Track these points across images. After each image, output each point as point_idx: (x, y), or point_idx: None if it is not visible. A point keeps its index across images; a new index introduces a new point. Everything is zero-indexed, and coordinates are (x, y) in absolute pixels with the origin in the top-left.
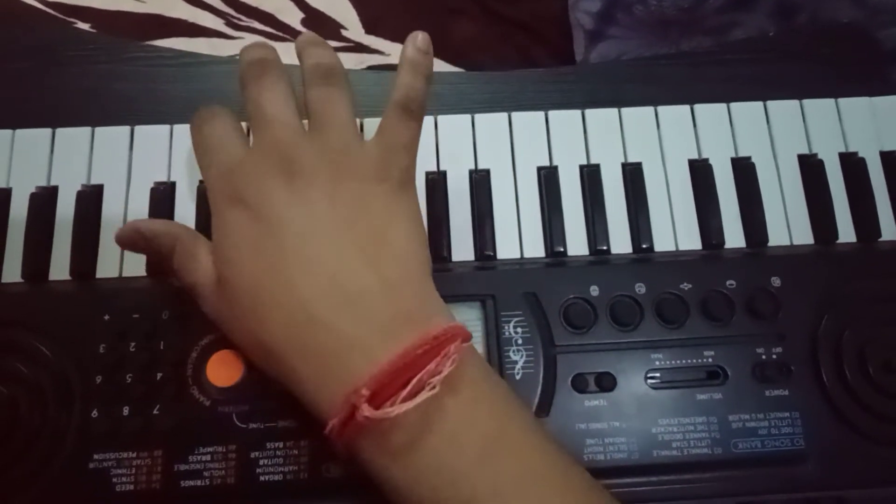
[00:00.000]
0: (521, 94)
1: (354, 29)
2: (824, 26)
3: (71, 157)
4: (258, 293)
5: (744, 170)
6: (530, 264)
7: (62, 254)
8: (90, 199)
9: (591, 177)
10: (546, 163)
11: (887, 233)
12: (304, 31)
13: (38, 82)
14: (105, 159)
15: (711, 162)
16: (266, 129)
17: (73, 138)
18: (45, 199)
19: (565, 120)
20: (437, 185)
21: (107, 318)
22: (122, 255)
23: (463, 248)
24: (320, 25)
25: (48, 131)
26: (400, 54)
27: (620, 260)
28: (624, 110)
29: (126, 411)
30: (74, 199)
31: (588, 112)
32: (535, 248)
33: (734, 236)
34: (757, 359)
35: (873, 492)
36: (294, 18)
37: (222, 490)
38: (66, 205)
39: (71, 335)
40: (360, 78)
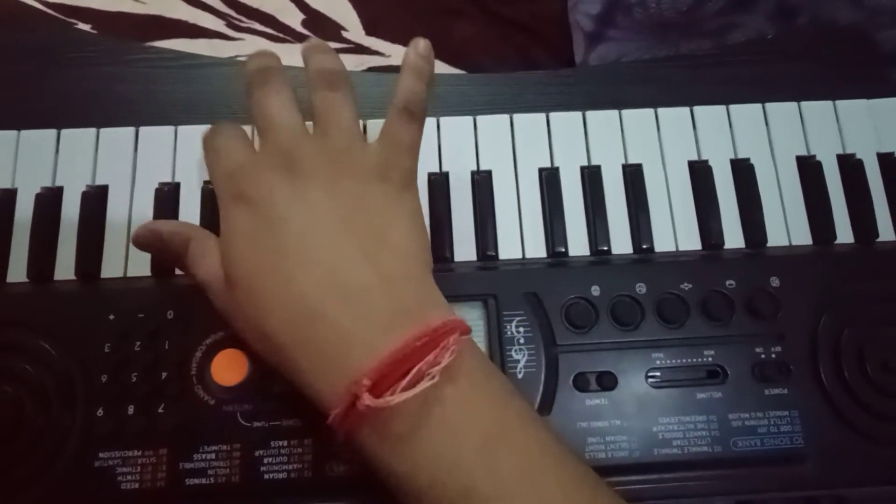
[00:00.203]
0: (522, 95)
1: (355, 30)
2: (823, 28)
3: (76, 157)
4: (260, 288)
5: (743, 171)
6: (532, 264)
7: (67, 254)
8: (95, 199)
9: (591, 178)
10: (547, 164)
11: (885, 233)
12: (308, 33)
13: (40, 84)
14: (110, 160)
15: (711, 163)
16: (270, 132)
17: (77, 139)
18: (50, 200)
19: (566, 121)
20: (439, 186)
21: (112, 317)
22: (126, 256)
23: (465, 248)
24: (321, 27)
25: (53, 132)
26: (402, 60)
27: (621, 260)
28: (624, 112)
29: (131, 410)
30: (79, 200)
31: (589, 114)
32: (537, 249)
33: (733, 237)
34: (756, 358)
35: (872, 490)
36: (294, 20)
37: (227, 488)
38: (71, 205)
39: (76, 335)
40: (361, 79)
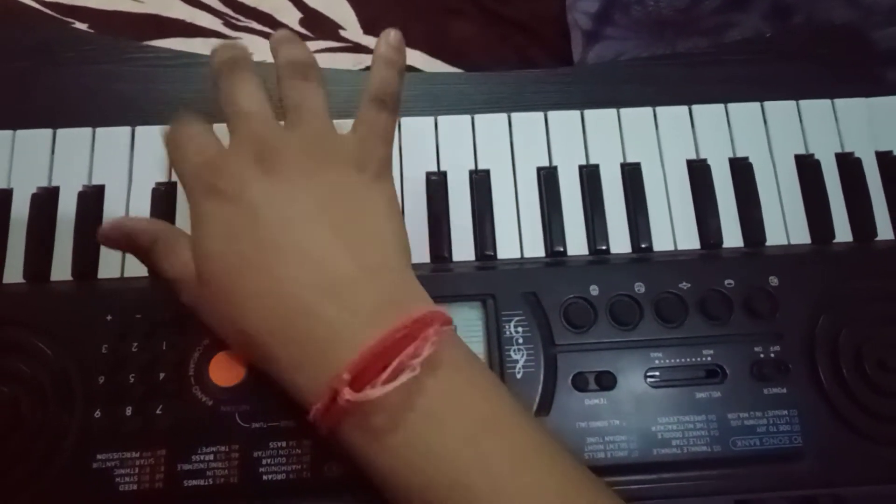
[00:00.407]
0: (521, 94)
1: (353, 29)
2: (820, 27)
3: (72, 157)
4: (238, 283)
5: (741, 170)
6: (530, 264)
7: (64, 254)
8: (91, 199)
9: (590, 177)
10: (545, 163)
11: (883, 232)
12: (305, 32)
13: (36, 83)
14: (106, 160)
15: (709, 162)
16: (241, 122)
17: (74, 139)
18: (46, 200)
19: (564, 120)
20: (437, 186)
21: (109, 318)
22: (123, 256)
23: (463, 248)
24: (318, 25)
25: (49, 132)
26: (374, 50)
27: (620, 259)
28: (623, 111)
29: (129, 411)
30: (76, 200)
31: (587, 112)
32: (535, 248)
33: (732, 236)
34: (755, 357)
35: (870, 489)
36: (292, 18)
37: (225, 489)
38: (67, 205)
39: (73, 335)
40: (358, 78)
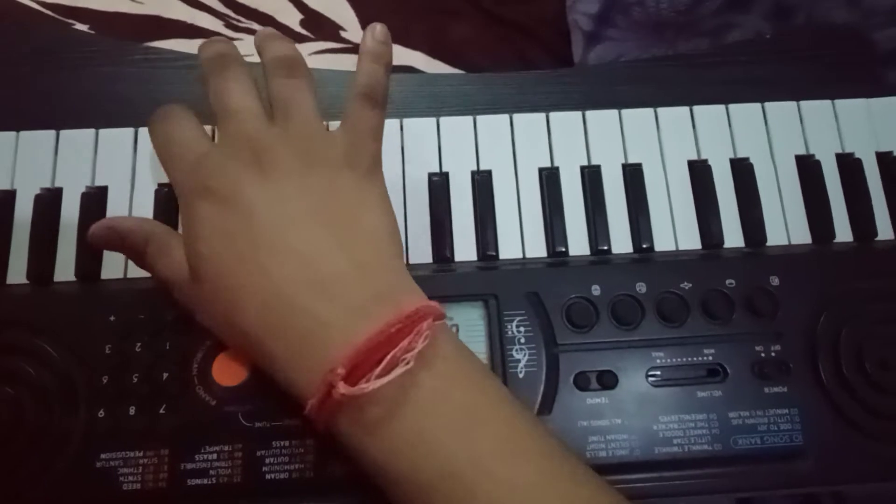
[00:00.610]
0: (522, 95)
1: (353, 30)
2: (821, 28)
3: (75, 158)
4: (232, 281)
5: (742, 170)
6: (532, 264)
7: (67, 255)
8: (95, 200)
9: (591, 177)
10: (547, 164)
11: (883, 232)
12: (306, 33)
13: (38, 85)
14: (109, 161)
15: (710, 163)
16: (231, 120)
17: (77, 140)
18: (49, 201)
19: (566, 121)
20: (439, 186)
21: (112, 318)
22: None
23: (465, 248)
24: (319, 26)
25: (52, 133)
26: (360, 45)
27: (621, 260)
28: (624, 112)
29: (132, 411)
30: (79, 201)
31: (588, 113)
32: (537, 248)
33: (733, 236)
34: (756, 356)
35: (871, 487)
36: (293, 19)
37: (229, 489)
38: (70, 206)
39: (76, 336)
40: None
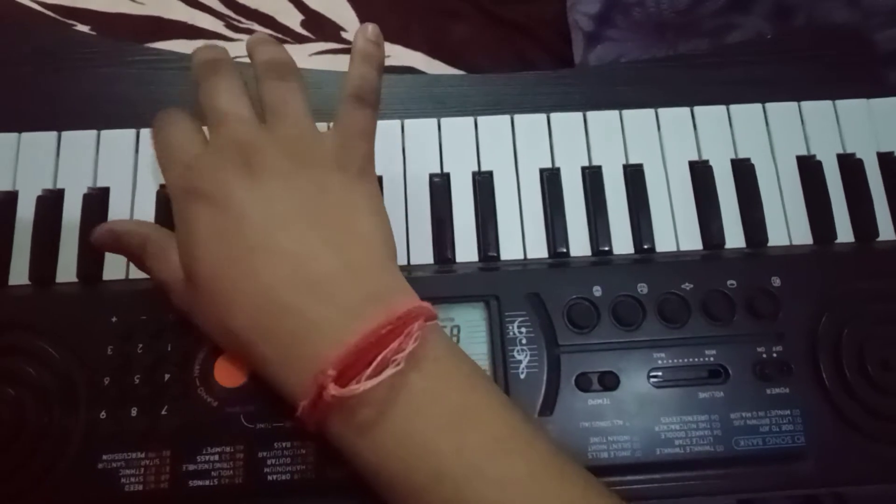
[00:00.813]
0: (523, 96)
1: (353, 30)
2: (821, 28)
3: (77, 159)
4: (224, 284)
5: (743, 171)
6: (533, 265)
7: (69, 256)
8: (96, 201)
9: (592, 178)
10: (548, 164)
11: (885, 233)
12: (307, 34)
13: (39, 86)
14: (111, 162)
15: (711, 163)
16: (221, 123)
17: (78, 141)
18: (51, 202)
19: (567, 122)
20: (440, 187)
21: (114, 319)
22: None
23: (467, 249)
24: (319, 27)
25: (54, 134)
26: (352, 46)
27: (622, 260)
28: (625, 112)
29: (134, 412)
30: (81, 202)
31: (589, 114)
32: (538, 249)
33: (734, 237)
34: (758, 357)
35: (873, 489)
36: (293, 20)
37: (230, 490)
38: (72, 207)
39: (78, 337)
40: None
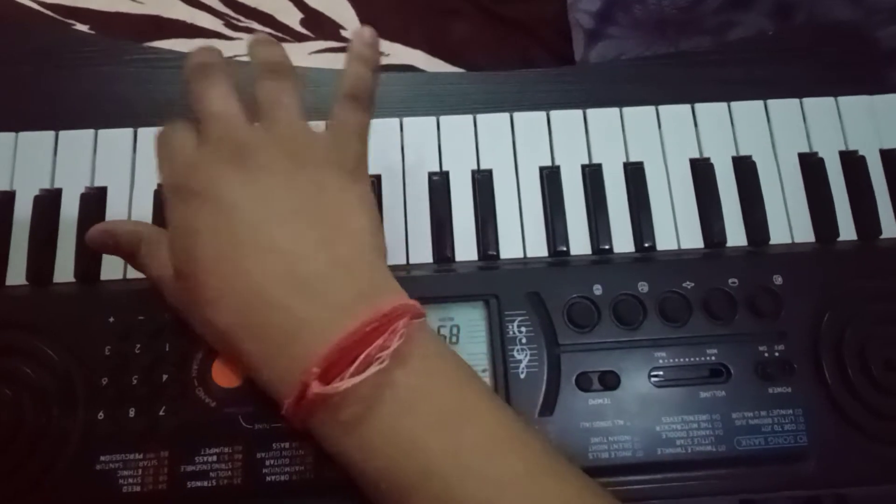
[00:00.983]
0: (523, 94)
1: (353, 29)
2: (823, 25)
3: (74, 159)
4: (212, 281)
5: (745, 168)
6: (533, 264)
7: (66, 256)
8: (94, 201)
9: (593, 176)
10: (548, 162)
11: (888, 230)
12: (306, 32)
13: (38, 85)
14: (108, 161)
15: (713, 161)
16: (213, 123)
17: (76, 141)
18: (48, 202)
19: (567, 120)
20: (440, 186)
21: (111, 320)
22: None
23: (466, 248)
24: (319, 26)
25: (51, 134)
26: (348, 48)
27: (623, 259)
28: (625, 110)
29: (132, 413)
30: (78, 202)
31: (590, 112)
32: (538, 248)
33: (736, 235)
34: (759, 356)
35: (875, 489)
36: (293, 19)
37: (229, 490)
38: (69, 207)
39: (76, 337)
40: None
